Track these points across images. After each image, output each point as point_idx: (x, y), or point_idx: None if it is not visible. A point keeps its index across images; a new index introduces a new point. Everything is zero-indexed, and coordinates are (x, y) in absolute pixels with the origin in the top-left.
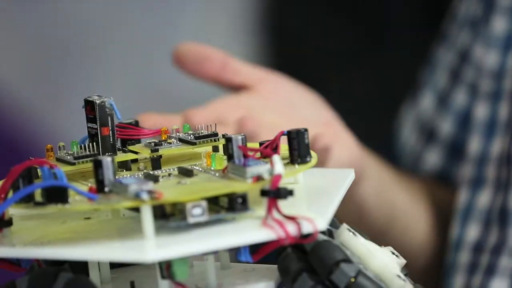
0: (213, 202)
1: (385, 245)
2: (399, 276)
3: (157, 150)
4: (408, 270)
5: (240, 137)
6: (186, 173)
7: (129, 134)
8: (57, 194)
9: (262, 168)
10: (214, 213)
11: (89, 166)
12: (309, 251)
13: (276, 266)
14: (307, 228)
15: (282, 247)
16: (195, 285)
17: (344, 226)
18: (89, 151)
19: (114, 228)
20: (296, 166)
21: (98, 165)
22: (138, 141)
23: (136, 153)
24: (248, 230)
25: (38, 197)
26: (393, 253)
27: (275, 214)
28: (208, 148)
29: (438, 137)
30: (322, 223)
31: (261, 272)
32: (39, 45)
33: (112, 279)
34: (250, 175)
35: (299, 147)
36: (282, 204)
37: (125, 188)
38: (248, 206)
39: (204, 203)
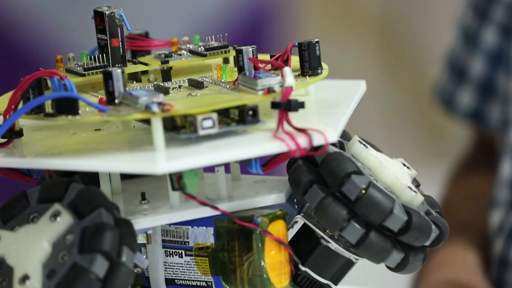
0: (224, 115)
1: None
2: (410, 188)
3: (167, 62)
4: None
5: (250, 49)
6: (196, 85)
7: (139, 45)
8: (67, 106)
9: (273, 80)
10: (225, 126)
11: (99, 77)
12: (320, 163)
13: (287, 177)
14: (317, 140)
15: (293, 159)
16: (205, 197)
17: (356, 138)
18: (99, 62)
19: (125, 140)
20: (307, 78)
21: (108, 76)
22: (148, 53)
23: (146, 64)
24: (258, 142)
25: (48, 108)
26: (405, 165)
27: (285, 126)
28: (219, 60)
29: (469, 76)
30: (333, 135)
31: (272, 183)
32: None
33: (123, 191)
34: (261, 87)
35: (310, 59)
36: (293, 116)
37: (135, 100)
38: (258, 119)
39: (214, 115)
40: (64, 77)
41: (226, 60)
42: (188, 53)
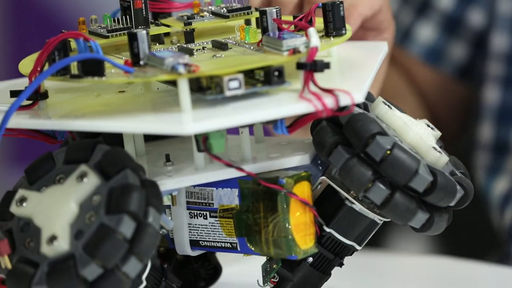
0: (249, 76)
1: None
2: (434, 148)
3: (190, 24)
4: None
5: (274, 10)
6: (220, 46)
7: (160, 8)
8: (93, 67)
9: (298, 41)
10: (250, 87)
11: (122, 39)
12: (344, 124)
13: (311, 139)
14: (344, 101)
15: (317, 121)
16: (229, 159)
17: (380, 99)
18: (122, 24)
19: (150, 101)
20: (331, 39)
21: (133, 38)
22: (169, 15)
23: (168, 26)
24: (285, 103)
25: (74, 70)
26: (429, 126)
27: (311, 87)
28: (241, 22)
29: (434, 10)
30: (359, 96)
31: (296, 145)
32: None
33: (147, 152)
34: (286, 48)
35: (334, 19)
36: (317, 77)
37: (161, 61)
38: (284, 79)
39: (240, 76)
40: (89, 39)
41: (247, 22)
42: (211, 15)
